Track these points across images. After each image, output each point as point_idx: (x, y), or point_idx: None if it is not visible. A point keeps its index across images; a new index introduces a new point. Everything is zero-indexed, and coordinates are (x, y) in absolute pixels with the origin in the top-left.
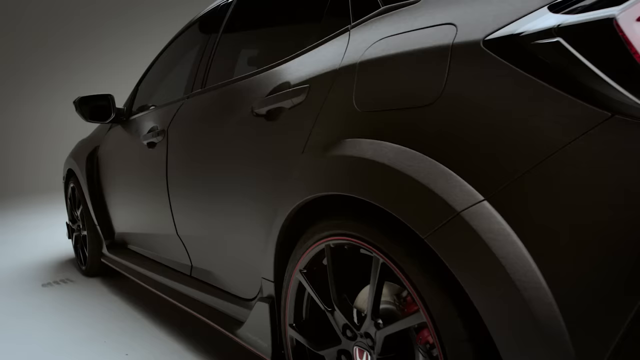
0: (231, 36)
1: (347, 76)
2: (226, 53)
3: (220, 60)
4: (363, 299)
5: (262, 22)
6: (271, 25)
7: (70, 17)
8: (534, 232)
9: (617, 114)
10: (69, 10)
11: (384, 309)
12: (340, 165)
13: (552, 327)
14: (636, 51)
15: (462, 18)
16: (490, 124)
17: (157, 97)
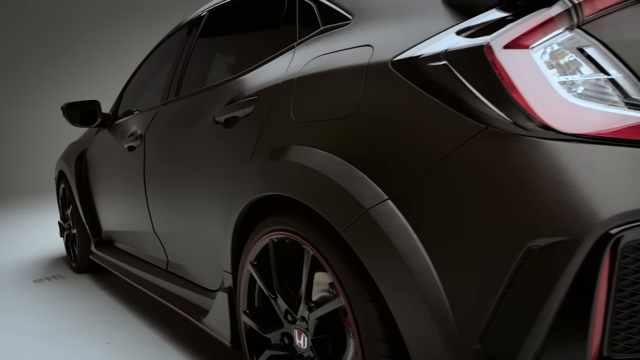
0: (201, 48)
1: (287, 89)
2: (197, 64)
3: (192, 70)
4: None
5: (227, 37)
6: (235, 40)
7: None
8: (426, 226)
9: (490, 127)
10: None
11: (322, 296)
12: (278, 169)
13: (438, 307)
14: (503, 74)
15: (378, 40)
16: (394, 135)
17: (140, 102)
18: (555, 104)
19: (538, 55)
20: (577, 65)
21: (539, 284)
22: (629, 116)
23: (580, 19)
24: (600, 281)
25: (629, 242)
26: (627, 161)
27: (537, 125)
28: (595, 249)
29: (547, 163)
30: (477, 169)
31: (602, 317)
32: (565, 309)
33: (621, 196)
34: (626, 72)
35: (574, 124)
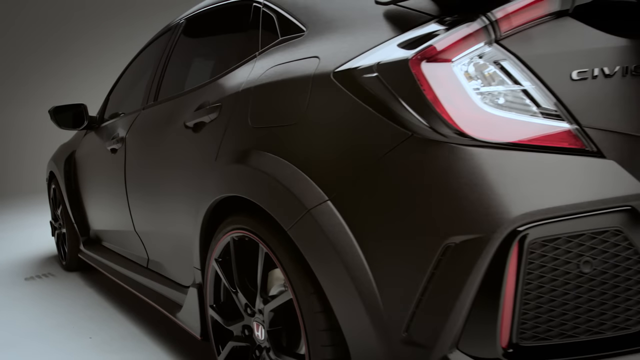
0: (178, 54)
1: (246, 97)
2: (174, 69)
3: (169, 75)
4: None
5: (200, 44)
6: (207, 48)
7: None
8: (361, 225)
9: (415, 134)
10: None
11: (280, 291)
12: (235, 172)
13: (371, 299)
14: (425, 86)
15: (325, 52)
16: (334, 140)
17: (124, 105)
18: (472, 113)
19: (458, 68)
20: (493, 78)
21: (455, 277)
22: (538, 124)
23: (498, 35)
24: (508, 275)
25: (535, 239)
26: (535, 165)
27: (454, 133)
28: (504, 245)
29: (463, 167)
30: (404, 172)
31: (510, 308)
32: (478, 300)
33: (528, 197)
34: (538, 83)
35: (488, 131)
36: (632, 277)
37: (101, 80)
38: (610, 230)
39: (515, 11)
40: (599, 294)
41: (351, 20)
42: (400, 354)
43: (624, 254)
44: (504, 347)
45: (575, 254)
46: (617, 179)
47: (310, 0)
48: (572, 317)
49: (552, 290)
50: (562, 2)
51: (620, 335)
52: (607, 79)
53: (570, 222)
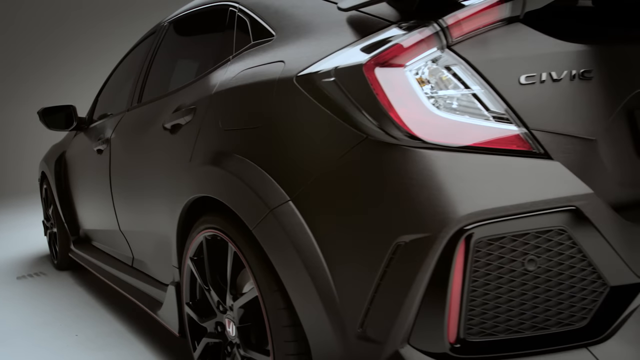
0: (161, 56)
1: (217, 100)
2: (156, 72)
3: (152, 78)
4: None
5: (181, 47)
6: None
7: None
8: (320, 224)
9: (369, 136)
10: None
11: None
12: (206, 172)
13: (328, 297)
14: (378, 90)
15: (290, 56)
16: (296, 142)
17: (112, 107)
18: (423, 116)
19: (411, 73)
20: (445, 82)
21: (405, 275)
22: (487, 128)
23: (450, 41)
24: (454, 273)
25: (481, 238)
26: (483, 167)
27: (405, 136)
28: (451, 244)
29: (413, 168)
30: (359, 173)
31: (457, 304)
32: (427, 297)
33: (475, 197)
34: (487, 88)
35: (438, 134)
36: (575, 274)
37: (101, 80)
38: (554, 229)
39: (466, 17)
40: (544, 291)
41: (316, 25)
42: (356, 349)
43: (567, 253)
44: (451, 342)
45: (520, 252)
46: (563, 180)
47: (281, 5)
48: (518, 313)
49: (497, 288)
50: (512, 9)
51: (565, 331)
52: (555, 83)
53: (515, 221)
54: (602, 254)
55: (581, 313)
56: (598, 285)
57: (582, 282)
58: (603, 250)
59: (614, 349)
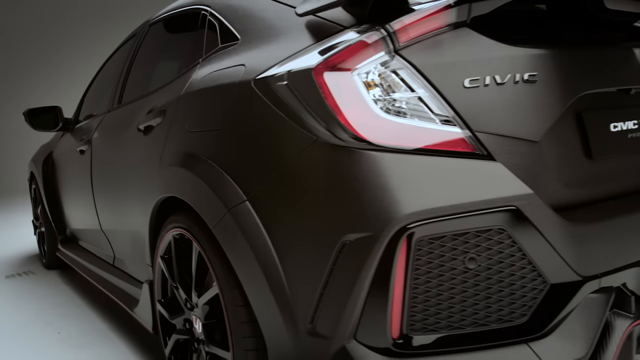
0: (140, 59)
1: (184, 102)
2: (135, 73)
3: (132, 79)
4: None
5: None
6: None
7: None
8: (274, 224)
9: (319, 138)
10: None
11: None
12: (173, 173)
13: (281, 294)
14: (327, 93)
15: (250, 60)
16: (253, 144)
17: (96, 107)
18: (369, 119)
19: (358, 76)
20: (391, 86)
21: (351, 273)
22: (431, 130)
23: (397, 45)
24: (396, 270)
25: (422, 237)
26: (426, 168)
27: (352, 138)
28: (392, 242)
29: (359, 170)
30: (309, 174)
31: (400, 301)
32: (371, 294)
33: (417, 198)
34: (432, 91)
35: (384, 136)
36: (515, 272)
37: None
38: (493, 229)
39: (412, 23)
40: (484, 288)
41: (278, 29)
42: (306, 344)
43: (507, 251)
44: (394, 338)
45: (460, 250)
46: (503, 180)
47: (248, 9)
48: (459, 310)
49: (439, 285)
50: (458, 14)
51: (506, 327)
52: (499, 86)
53: (455, 221)
54: (541, 253)
55: (521, 310)
56: (538, 283)
57: (522, 279)
58: (543, 249)
59: (553, 345)
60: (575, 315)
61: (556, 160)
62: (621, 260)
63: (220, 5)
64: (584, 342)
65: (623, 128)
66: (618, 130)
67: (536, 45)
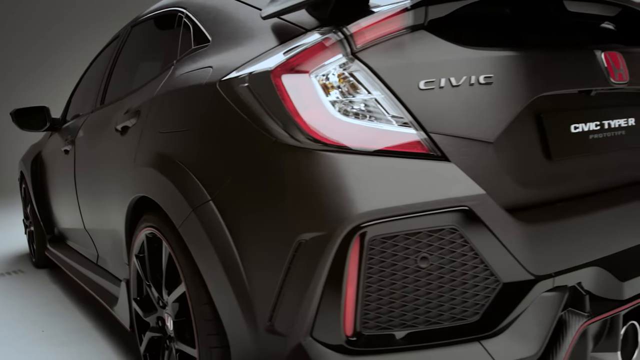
0: (122, 60)
1: (157, 103)
2: (117, 75)
3: (114, 80)
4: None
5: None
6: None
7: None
8: (236, 223)
9: (277, 139)
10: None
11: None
12: (144, 173)
13: (243, 293)
14: (284, 95)
15: (217, 62)
16: (217, 145)
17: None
18: (325, 121)
19: (315, 79)
20: (347, 88)
21: (306, 271)
22: (386, 131)
23: (354, 48)
24: (349, 269)
25: (374, 236)
26: (379, 168)
27: (308, 139)
28: (345, 242)
29: (315, 170)
30: (267, 175)
31: (353, 299)
32: (325, 292)
33: (369, 198)
34: (388, 93)
35: (339, 137)
36: (468, 271)
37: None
38: (445, 228)
39: (369, 26)
40: (437, 287)
41: (245, 31)
42: (265, 341)
43: (459, 251)
44: (348, 335)
45: (413, 250)
46: (456, 181)
47: (220, 11)
48: (412, 308)
49: (392, 284)
50: (415, 17)
51: (458, 325)
52: (455, 88)
53: (407, 220)
54: (494, 252)
55: (474, 308)
56: (491, 282)
57: (474, 278)
58: (495, 248)
59: (505, 342)
60: (528, 314)
61: (513, 160)
62: (577, 260)
63: (195, 7)
64: (535, 340)
65: (584, 129)
66: (579, 132)
67: (494, 48)
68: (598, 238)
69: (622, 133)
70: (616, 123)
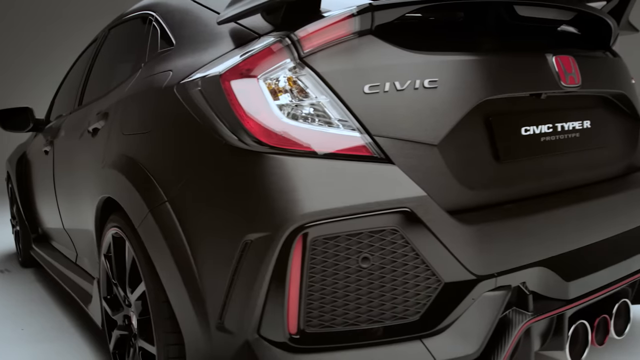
0: (99, 62)
1: (122, 106)
2: (94, 76)
3: (91, 82)
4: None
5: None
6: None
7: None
8: (188, 224)
9: (227, 142)
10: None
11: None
12: (108, 174)
13: (196, 292)
14: (232, 98)
15: (177, 66)
16: (173, 146)
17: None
18: (272, 124)
19: (263, 83)
20: (294, 92)
21: (252, 270)
22: (331, 134)
23: (301, 53)
24: (292, 269)
25: (316, 237)
26: (323, 171)
27: (254, 142)
28: (288, 242)
29: (261, 172)
30: (217, 177)
31: (296, 298)
32: (270, 291)
33: (312, 199)
34: (333, 97)
35: (285, 140)
36: (409, 271)
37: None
38: (386, 229)
39: (316, 31)
40: (378, 286)
41: (206, 35)
42: (216, 339)
43: (400, 251)
44: (292, 333)
45: (354, 250)
46: (398, 183)
47: (185, 15)
48: (354, 307)
49: (334, 283)
50: (361, 23)
51: (400, 323)
52: (399, 92)
53: (349, 221)
54: (435, 253)
55: (415, 307)
56: (432, 282)
57: (415, 278)
58: (436, 249)
59: (446, 341)
60: (470, 313)
61: (459, 163)
62: (521, 260)
63: (163, 10)
64: (476, 338)
65: (536, 132)
66: (530, 134)
67: (441, 52)
68: (544, 239)
69: (576, 135)
70: (570, 126)
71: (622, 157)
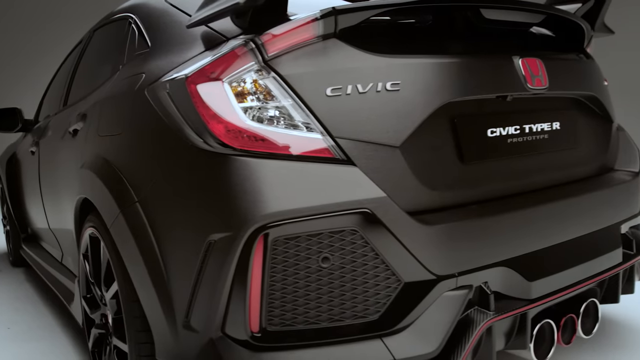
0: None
1: (99, 108)
2: (78, 78)
3: (75, 83)
4: None
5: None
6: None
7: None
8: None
9: (192, 144)
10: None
11: None
12: (84, 175)
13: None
14: (198, 101)
15: (150, 69)
16: (144, 148)
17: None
18: (235, 126)
19: (228, 86)
20: (259, 95)
21: (215, 270)
22: (294, 136)
23: (266, 56)
24: (253, 269)
25: (277, 237)
26: (284, 172)
27: (218, 143)
28: (249, 242)
29: (224, 174)
30: (183, 177)
31: (257, 297)
32: (232, 290)
33: (273, 200)
34: (296, 100)
35: (247, 142)
36: (369, 271)
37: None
38: (346, 230)
39: (280, 34)
40: (339, 286)
41: (176, 38)
42: (183, 337)
43: (360, 251)
44: (254, 331)
45: (315, 250)
46: (358, 184)
47: (160, 18)
48: (315, 306)
49: (295, 282)
50: (325, 26)
51: (360, 322)
52: (361, 95)
53: (309, 222)
54: (394, 253)
55: (375, 306)
56: (392, 281)
57: (375, 278)
58: (395, 249)
59: (406, 339)
60: (430, 312)
61: (422, 164)
62: (483, 260)
63: (141, 13)
64: (435, 337)
65: (502, 133)
66: (496, 136)
67: (404, 55)
68: (508, 239)
69: (544, 137)
70: (538, 127)
71: (593, 158)
